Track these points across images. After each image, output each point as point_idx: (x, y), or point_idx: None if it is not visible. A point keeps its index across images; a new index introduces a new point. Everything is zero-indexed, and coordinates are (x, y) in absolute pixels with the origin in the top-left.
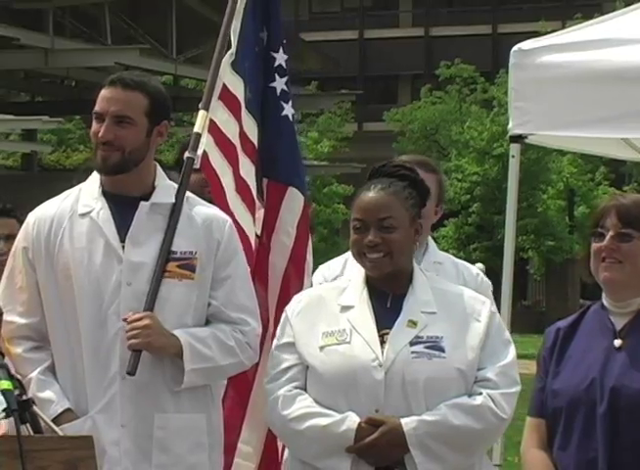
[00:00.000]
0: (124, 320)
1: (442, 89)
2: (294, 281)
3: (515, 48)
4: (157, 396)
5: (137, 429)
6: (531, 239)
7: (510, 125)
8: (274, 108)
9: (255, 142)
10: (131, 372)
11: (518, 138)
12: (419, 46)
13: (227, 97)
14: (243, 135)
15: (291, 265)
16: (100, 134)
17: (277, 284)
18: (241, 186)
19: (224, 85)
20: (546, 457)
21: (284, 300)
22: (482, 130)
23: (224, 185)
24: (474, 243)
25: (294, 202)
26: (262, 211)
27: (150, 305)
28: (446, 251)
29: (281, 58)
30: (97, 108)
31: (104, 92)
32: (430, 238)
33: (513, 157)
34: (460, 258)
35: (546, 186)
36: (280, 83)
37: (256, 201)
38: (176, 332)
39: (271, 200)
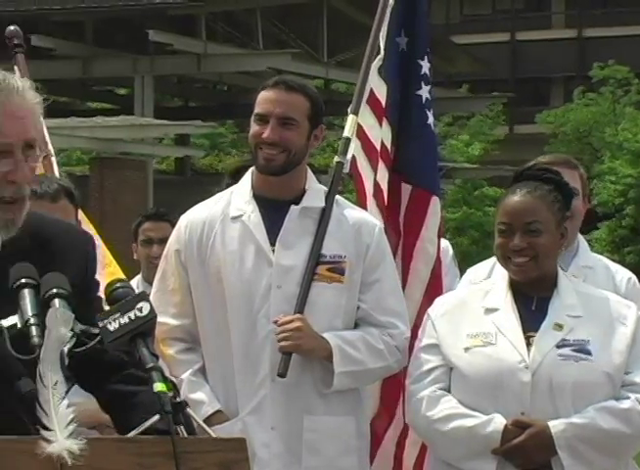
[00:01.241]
0: (275, 323)
1: (596, 91)
2: (435, 290)
3: None
4: (306, 398)
5: (287, 431)
6: None
7: None
8: (419, 116)
9: (389, 147)
10: (282, 374)
11: None
12: (572, 47)
13: (373, 101)
14: (382, 140)
15: (433, 274)
16: (265, 135)
17: (419, 290)
18: (377, 191)
19: (371, 90)
20: None
21: (424, 307)
22: (637, 132)
23: (367, 190)
24: (628, 246)
25: (436, 210)
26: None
27: (300, 308)
28: (600, 253)
29: (426, 66)
30: (260, 109)
31: (266, 94)
32: (581, 240)
33: None
34: (614, 261)
35: None
36: (425, 91)
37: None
38: (326, 335)
39: (415, 206)
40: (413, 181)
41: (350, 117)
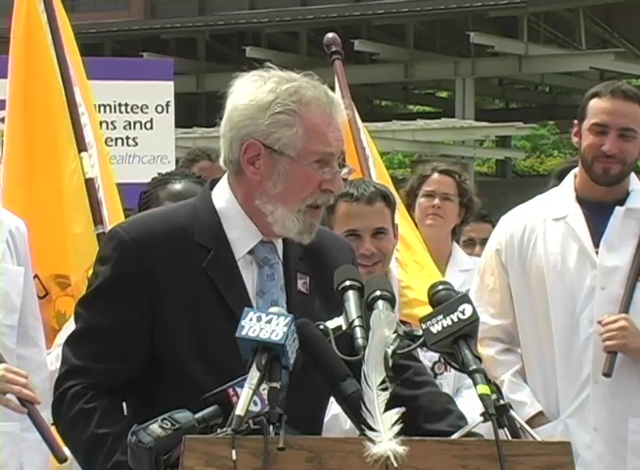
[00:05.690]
0: (599, 323)
1: None
2: None
3: None
4: (630, 399)
5: (610, 433)
6: None
7: None
8: None
9: None
10: (608, 374)
11: None
12: None
13: None
14: None
15: None
16: (606, 147)
17: None
18: None
19: None
20: None
21: None
22: None
23: None
24: None
25: None
26: None
27: (625, 309)
28: None
29: None
30: (598, 119)
31: (603, 104)
32: None
33: None
34: None
35: None
36: None
37: None
38: None
39: None
40: None
41: None
